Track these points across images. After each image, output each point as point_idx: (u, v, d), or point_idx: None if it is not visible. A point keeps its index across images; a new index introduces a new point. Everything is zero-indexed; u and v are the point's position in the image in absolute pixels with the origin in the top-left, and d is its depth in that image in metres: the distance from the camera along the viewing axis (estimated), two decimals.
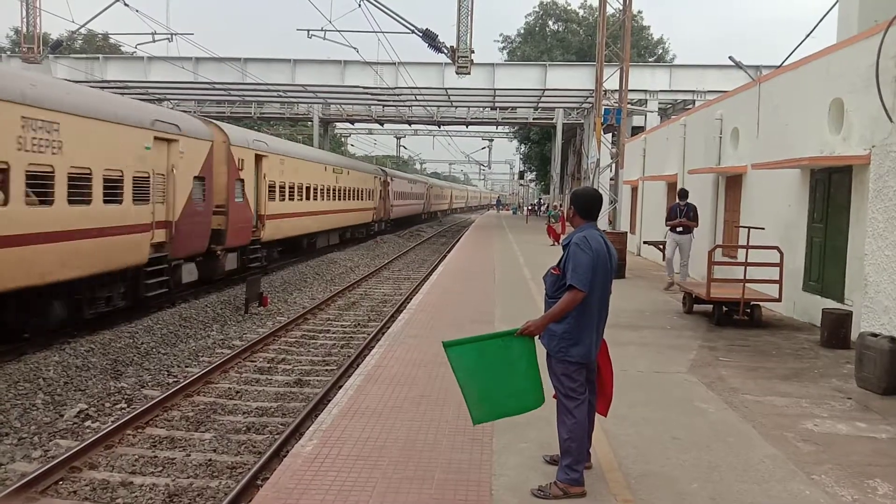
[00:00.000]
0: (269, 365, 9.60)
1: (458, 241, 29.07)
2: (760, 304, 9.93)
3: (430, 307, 10.98)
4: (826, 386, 6.82)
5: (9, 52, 34.94)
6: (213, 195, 14.52)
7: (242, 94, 33.32)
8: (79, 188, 9.90)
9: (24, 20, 24.13)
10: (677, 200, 13.21)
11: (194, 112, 34.93)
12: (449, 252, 23.44)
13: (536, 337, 4.16)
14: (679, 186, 14.44)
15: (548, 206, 43.78)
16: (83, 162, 10.00)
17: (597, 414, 4.48)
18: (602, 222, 4.18)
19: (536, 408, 4.25)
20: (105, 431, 6.53)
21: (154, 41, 24.42)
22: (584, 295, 4.00)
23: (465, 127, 48.31)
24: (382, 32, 21.27)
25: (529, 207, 58.79)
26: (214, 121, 16.21)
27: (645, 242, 19.46)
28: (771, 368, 7.44)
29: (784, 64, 12.08)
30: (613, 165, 20.50)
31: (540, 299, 4.42)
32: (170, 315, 12.07)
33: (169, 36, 24.21)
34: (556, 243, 23.00)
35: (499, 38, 50.33)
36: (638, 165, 21.49)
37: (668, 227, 13.30)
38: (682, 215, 12.92)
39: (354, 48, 22.85)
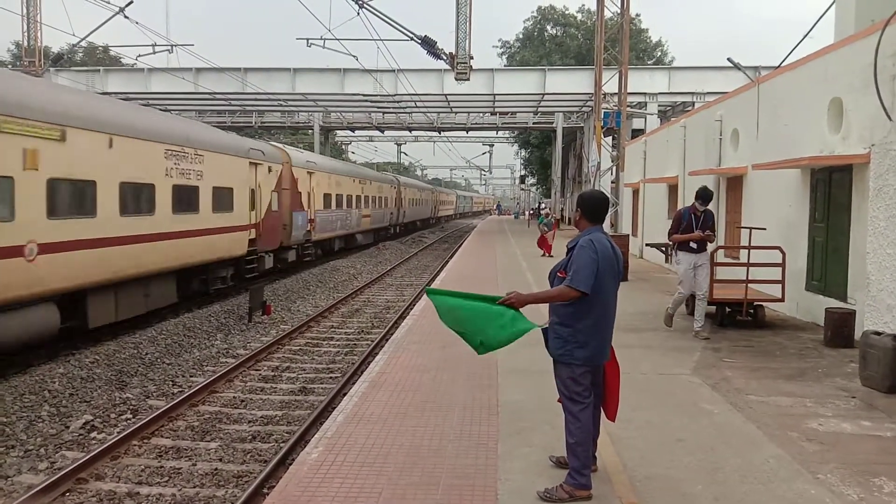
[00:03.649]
0: (273, 373, 9.62)
1: (459, 246, 29.10)
2: (763, 304, 9.94)
3: (432, 313, 10.91)
4: (830, 385, 6.81)
5: (10, 66, 35.11)
6: None
7: (243, 103, 33.47)
8: None
9: (26, 34, 24.32)
10: (694, 203, 9.01)
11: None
12: (451, 258, 23.45)
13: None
14: (698, 188, 9.26)
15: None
16: None
17: (603, 418, 4.49)
18: (604, 225, 4.11)
19: (528, 331, 4.22)
20: (111, 442, 6.55)
21: (154, 53, 24.57)
22: (578, 294, 4.02)
23: (465, 132, 48.40)
24: (381, 40, 21.53)
25: (531, 212, 58.68)
26: None
27: (647, 245, 19.49)
28: (775, 368, 7.44)
29: (783, 65, 12.11)
30: (614, 168, 20.56)
31: (544, 305, 4.44)
32: (174, 325, 12.10)
33: (169, 47, 24.37)
34: (546, 254, 21.15)
35: (497, 43, 50.39)
36: (639, 168, 21.51)
37: (674, 244, 9.15)
38: (699, 225, 8.85)
39: (354, 56, 23.06)
